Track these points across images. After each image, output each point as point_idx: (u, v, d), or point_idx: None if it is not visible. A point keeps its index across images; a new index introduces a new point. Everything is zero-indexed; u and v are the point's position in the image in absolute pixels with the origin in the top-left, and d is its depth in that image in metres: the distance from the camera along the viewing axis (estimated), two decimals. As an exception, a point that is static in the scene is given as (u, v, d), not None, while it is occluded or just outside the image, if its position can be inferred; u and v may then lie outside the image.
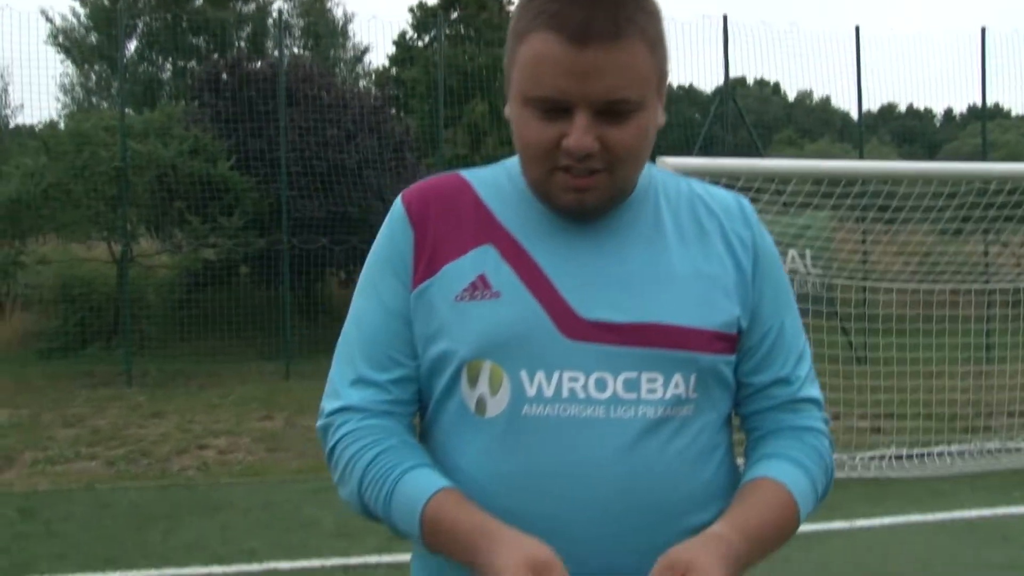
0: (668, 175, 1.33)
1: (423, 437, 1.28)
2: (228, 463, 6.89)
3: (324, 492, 6.05)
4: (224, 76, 12.60)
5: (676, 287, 1.21)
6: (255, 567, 4.64)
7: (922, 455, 6.76)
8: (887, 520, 5.44)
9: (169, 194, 11.39)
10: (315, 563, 4.69)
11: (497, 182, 1.28)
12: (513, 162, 1.30)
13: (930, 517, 5.51)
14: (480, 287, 1.20)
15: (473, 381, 1.19)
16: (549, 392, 1.16)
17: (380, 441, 1.21)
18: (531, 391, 1.16)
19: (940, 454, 6.81)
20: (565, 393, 1.16)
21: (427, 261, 1.23)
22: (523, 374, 1.17)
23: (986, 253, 10.77)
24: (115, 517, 5.52)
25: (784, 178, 6.67)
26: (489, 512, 1.13)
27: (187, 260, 11.80)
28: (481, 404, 1.19)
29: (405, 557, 4.55)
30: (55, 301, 11.92)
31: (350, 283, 12.91)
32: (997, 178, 7.22)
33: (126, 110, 11.60)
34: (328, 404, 1.27)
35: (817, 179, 6.75)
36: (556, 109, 1.14)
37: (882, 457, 6.67)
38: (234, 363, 11.00)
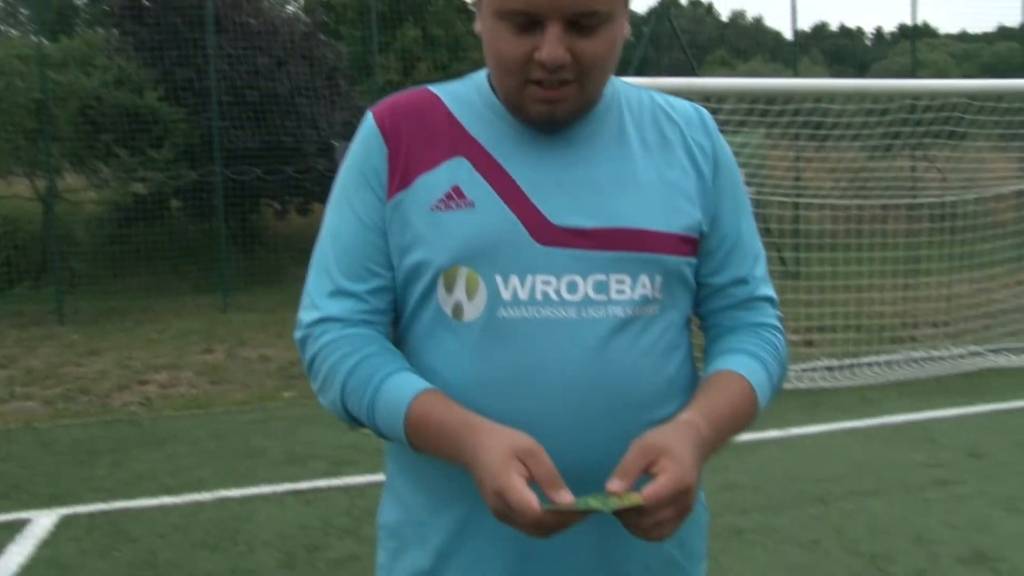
0: (630, 87, 1.38)
1: (398, 345, 1.32)
2: (171, 397, 6.87)
3: (270, 422, 6.10)
4: (146, 2, 12.17)
5: (641, 193, 1.27)
6: (205, 496, 4.69)
7: (852, 366, 7.03)
8: (820, 428, 5.68)
9: (94, 127, 11.06)
10: (265, 490, 4.75)
11: (467, 96, 1.32)
12: (481, 76, 1.34)
13: (860, 423, 5.76)
14: (455, 197, 1.24)
15: (450, 287, 1.24)
16: (523, 295, 1.22)
17: (360, 349, 1.25)
18: (506, 295, 1.22)
19: (869, 364, 7.09)
20: (539, 296, 1.22)
21: (401, 174, 1.26)
22: (498, 279, 1.22)
23: (913, 169, 11.04)
24: (58, 454, 5.49)
25: (720, 97, 6.74)
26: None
27: (116, 195, 11.52)
28: (458, 309, 1.24)
29: (354, 479, 4.66)
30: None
31: (285, 214, 12.77)
32: (925, 95, 7.39)
33: (40, 39, 11.15)
34: (306, 316, 1.30)
35: (752, 98, 6.84)
36: (528, 23, 1.18)
37: (815, 369, 6.91)
38: (170, 298, 10.87)
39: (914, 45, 13.65)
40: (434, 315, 1.26)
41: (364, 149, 1.30)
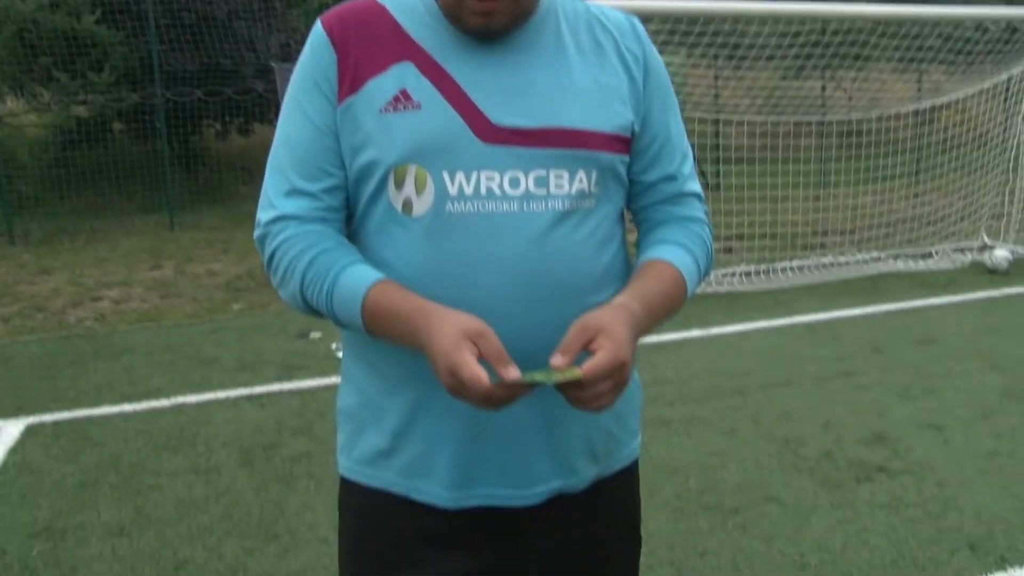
0: None
1: (352, 241, 1.33)
2: (124, 312, 6.76)
3: (221, 332, 6.05)
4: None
5: (577, 95, 1.29)
6: (163, 403, 4.66)
7: (767, 270, 7.20)
8: (738, 327, 5.84)
9: (32, 50, 10.55)
10: (220, 395, 4.74)
11: (411, 6, 1.32)
12: None
13: (774, 323, 5.94)
14: (402, 100, 1.25)
15: (400, 184, 1.25)
16: (469, 190, 1.24)
17: (317, 244, 1.26)
18: (453, 190, 1.23)
19: (783, 269, 7.27)
20: (483, 191, 1.24)
21: (351, 79, 1.27)
22: (445, 175, 1.23)
23: (823, 89, 11.18)
24: (19, 368, 5.39)
25: (645, 18, 6.70)
26: None
27: (58, 118, 11.06)
28: (408, 204, 1.26)
29: (305, 383, 4.67)
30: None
31: (227, 135, 12.41)
32: (834, 19, 7.45)
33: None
34: (264, 215, 1.31)
35: (675, 20, 6.81)
36: None
37: (733, 274, 7.07)
38: (116, 217, 10.58)
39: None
40: (385, 211, 1.28)
41: (314, 56, 1.30)
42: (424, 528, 1.33)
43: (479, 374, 1.09)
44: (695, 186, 1.44)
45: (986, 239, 8.13)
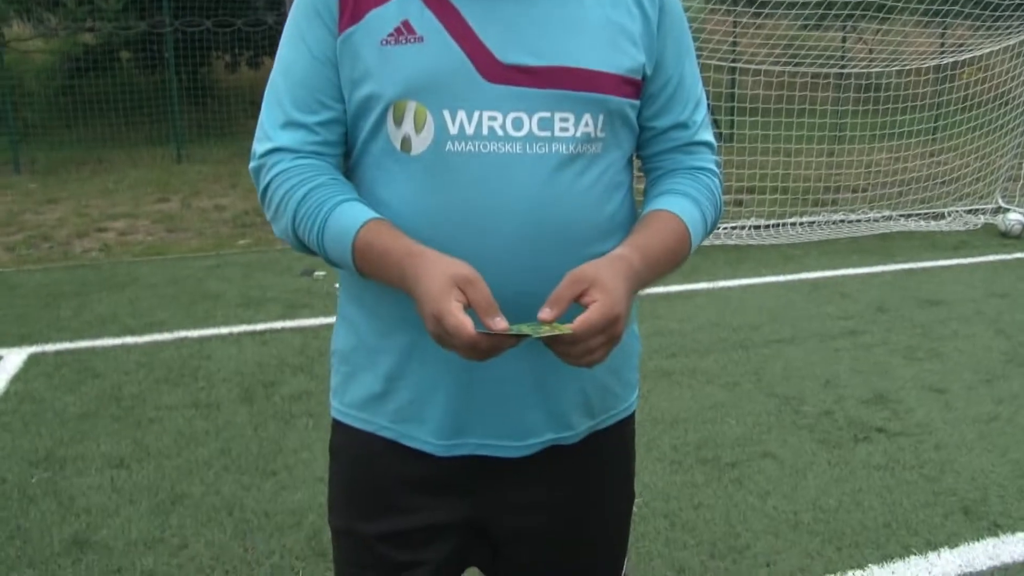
0: None
1: (349, 178, 1.30)
2: (129, 244, 6.76)
3: (225, 267, 6.06)
4: None
5: (587, 34, 1.24)
6: (166, 336, 4.69)
7: (777, 225, 7.16)
8: (744, 281, 5.82)
9: (39, -27, 10.42)
10: (222, 330, 4.76)
11: None
12: None
13: (781, 278, 5.92)
14: (404, 32, 1.20)
15: (399, 120, 1.21)
16: (470, 130, 1.19)
17: (312, 178, 1.23)
18: (453, 129, 1.19)
19: (793, 224, 7.22)
20: (485, 131, 1.19)
21: (352, 8, 1.22)
22: (446, 113, 1.19)
23: (844, 41, 10.99)
24: (23, 297, 5.41)
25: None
26: None
27: (65, 45, 10.96)
28: (406, 142, 1.22)
29: (307, 321, 4.67)
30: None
31: (236, 67, 12.30)
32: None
33: None
34: (259, 146, 1.27)
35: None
36: None
37: (743, 227, 7.03)
38: (123, 149, 10.54)
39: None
40: (383, 148, 1.24)
41: None
42: (415, 474, 1.32)
43: (463, 322, 1.06)
44: (708, 135, 1.39)
45: (1001, 201, 8.05)
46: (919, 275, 6.06)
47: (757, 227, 7.07)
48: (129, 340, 4.63)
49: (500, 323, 1.08)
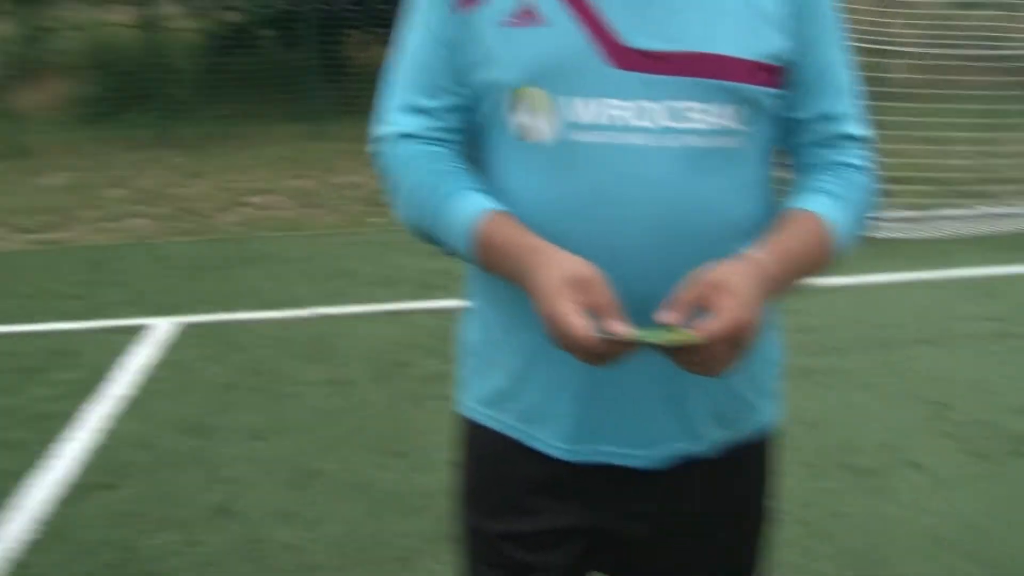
0: None
1: (472, 166, 1.26)
2: (267, 219, 7.01)
3: (360, 245, 6.20)
4: None
5: (723, 16, 1.16)
6: (302, 312, 4.84)
7: (928, 218, 6.81)
8: (890, 276, 5.56)
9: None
10: (357, 308, 4.88)
11: None
12: None
13: (930, 275, 5.63)
14: (527, 14, 1.15)
15: (520, 107, 1.17)
16: (595, 119, 1.14)
17: (429, 165, 1.21)
18: (576, 117, 1.14)
19: (945, 217, 6.86)
20: (612, 120, 1.14)
21: None
22: (569, 100, 1.14)
23: (1000, 20, 10.34)
24: (171, 268, 5.69)
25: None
26: (539, 236, 1.14)
27: (211, 24, 11.41)
28: (528, 130, 1.17)
29: (441, 303, 4.72)
30: (87, 67, 11.65)
31: (374, 44, 12.53)
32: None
33: None
34: (379, 130, 1.26)
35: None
36: None
37: (890, 219, 6.72)
38: (262, 125, 10.91)
39: None
40: (505, 136, 1.20)
41: None
42: (540, 476, 1.29)
43: (577, 326, 1.01)
44: (856, 128, 1.27)
45: None
46: (1083, 276, 5.66)
47: (904, 219, 6.75)
48: (267, 315, 4.81)
49: (618, 327, 1.02)
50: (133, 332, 4.51)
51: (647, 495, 1.29)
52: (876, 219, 5.85)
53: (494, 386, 1.31)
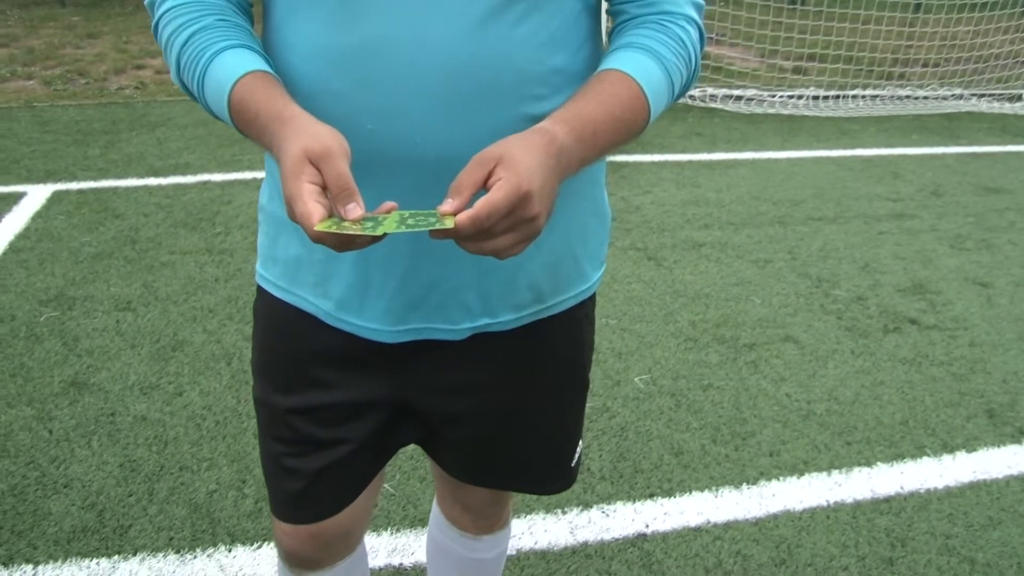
0: None
1: (265, 19, 1.09)
2: (166, 83, 6.60)
3: (261, 114, 5.88)
4: None
5: None
6: (189, 179, 4.58)
7: (838, 97, 6.72)
8: (793, 153, 5.49)
9: None
10: (247, 175, 4.64)
11: None
12: None
13: (833, 153, 5.57)
14: None
15: None
16: None
17: (198, 19, 1.02)
18: None
19: (854, 97, 6.78)
20: None
21: None
22: None
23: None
24: (55, 133, 5.32)
25: None
26: (319, 94, 0.99)
27: None
28: None
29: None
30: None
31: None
32: None
33: None
34: None
35: None
36: None
37: (801, 96, 6.62)
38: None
39: None
40: None
41: None
42: (338, 349, 1.18)
43: (309, 212, 0.84)
44: None
45: (1085, 84, 7.46)
46: (982, 160, 5.66)
47: (816, 97, 6.64)
48: (152, 181, 4.54)
49: (354, 211, 0.85)
50: (5, 200, 4.22)
51: (448, 367, 1.20)
52: (787, 97, 5.71)
53: (290, 256, 1.17)
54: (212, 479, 2.38)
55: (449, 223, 0.84)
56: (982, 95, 7.20)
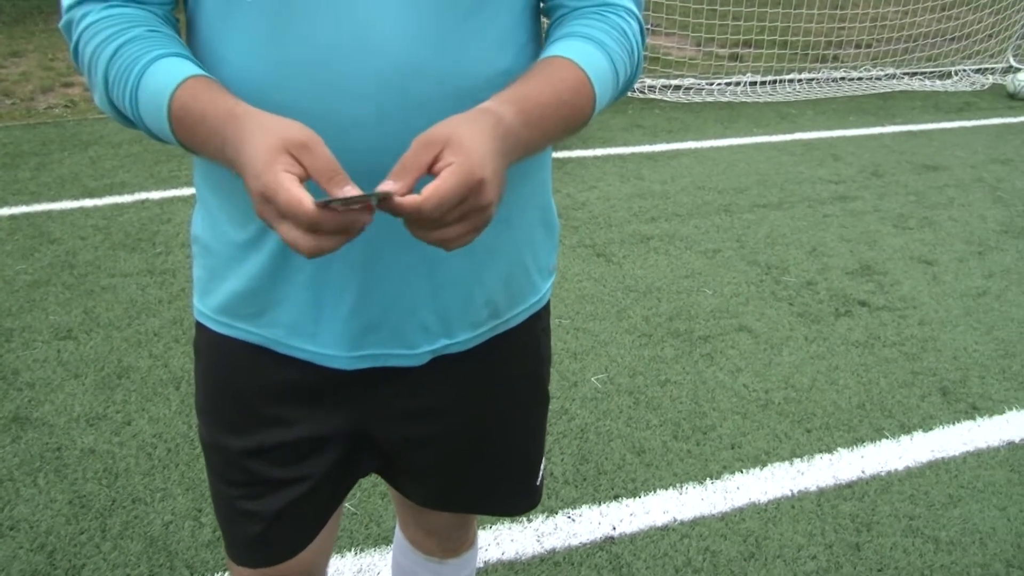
0: None
1: (188, 34, 1.03)
2: (96, 100, 6.42)
3: (197, 127, 5.75)
4: None
5: None
6: (127, 198, 4.46)
7: (774, 81, 6.78)
8: (734, 140, 5.52)
9: None
10: (186, 192, 4.53)
11: None
12: None
13: (773, 138, 5.62)
14: None
15: None
16: None
17: (124, 31, 0.95)
18: None
19: (791, 81, 6.85)
20: None
21: None
22: None
23: None
24: (-20, 155, 5.15)
25: None
26: (258, 107, 0.90)
27: None
28: None
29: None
30: None
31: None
32: None
33: None
34: None
35: None
36: None
37: (738, 83, 6.66)
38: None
39: None
40: None
41: None
42: (291, 383, 1.13)
43: (299, 196, 0.77)
44: None
45: (1012, 61, 7.63)
46: (919, 138, 5.76)
47: (753, 83, 6.70)
48: (88, 203, 4.41)
49: (351, 189, 0.80)
50: (-68, 228, 4.07)
51: (406, 392, 1.15)
52: (725, 84, 5.74)
53: (230, 286, 1.10)
54: (167, 510, 2.31)
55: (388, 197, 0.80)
56: (913, 74, 7.32)
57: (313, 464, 1.17)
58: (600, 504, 2.34)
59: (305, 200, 0.77)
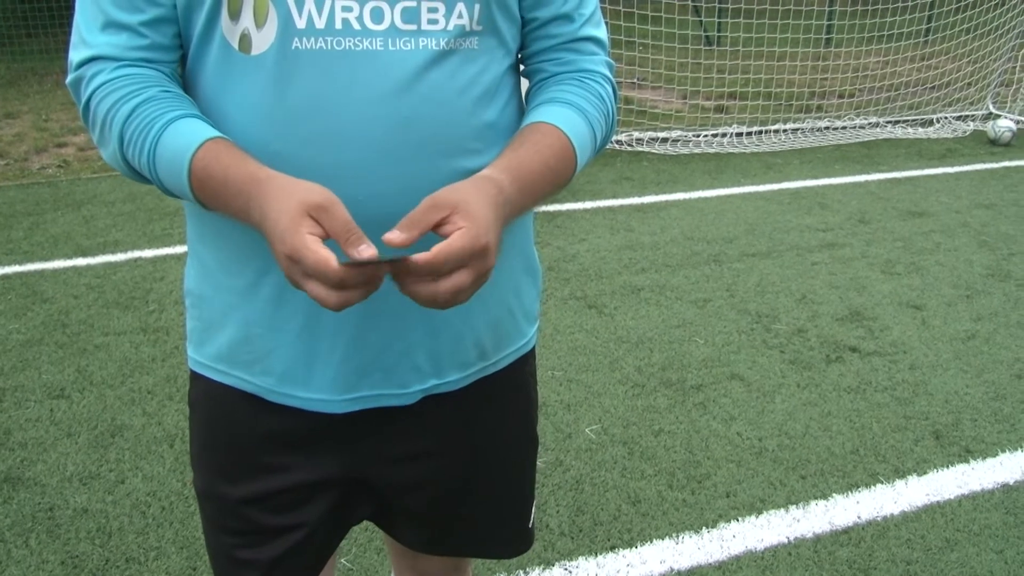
0: None
1: (188, 88, 1.08)
2: (89, 159, 6.48)
3: (189, 185, 5.81)
4: None
5: None
6: (120, 257, 4.49)
7: (760, 132, 6.90)
8: (722, 191, 5.60)
9: None
10: (178, 250, 4.56)
11: None
12: None
13: (761, 188, 5.70)
14: None
15: (235, 15, 0.99)
16: (321, 23, 0.98)
17: (139, 91, 1.00)
18: (300, 22, 0.98)
19: (776, 131, 6.97)
20: (339, 24, 0.98)
21: None
22: (290, 4, 0.97)
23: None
24: (-27, 216, 5.18)
25: None
26: (260, 158, 0.97)
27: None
28: (245, 40, 1.00)
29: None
30: None
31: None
32: None
33: None
34: (76, 55, 1.03)
35: None
36: None
37: (724, 135, 6.77)
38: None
39: None
40: (221, 49, 1.01)
41: None
42: (286, 430, 1.16)
43: (325, 257, 0.84)
44: (597, 31, 1.17)
45: (992, 108, 7.78)
46: (903, 184, 5.85)
47: (739, 134, 6.81)
48: (81, 261, 4.43)
49: (367, 250, 0.86)
50: (-75, 289, 4.08)
51: (399, 434, 1.18)
52: (712, 136, 5.86)
53: (225, 336, 1.14)
54: (161, 569, 2.30)
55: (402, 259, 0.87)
56: (896, 122, 7.46)
57: (309, 511, 1.19)
58: (597, 555, 2.34)
59: (331, 261, 0.84)
